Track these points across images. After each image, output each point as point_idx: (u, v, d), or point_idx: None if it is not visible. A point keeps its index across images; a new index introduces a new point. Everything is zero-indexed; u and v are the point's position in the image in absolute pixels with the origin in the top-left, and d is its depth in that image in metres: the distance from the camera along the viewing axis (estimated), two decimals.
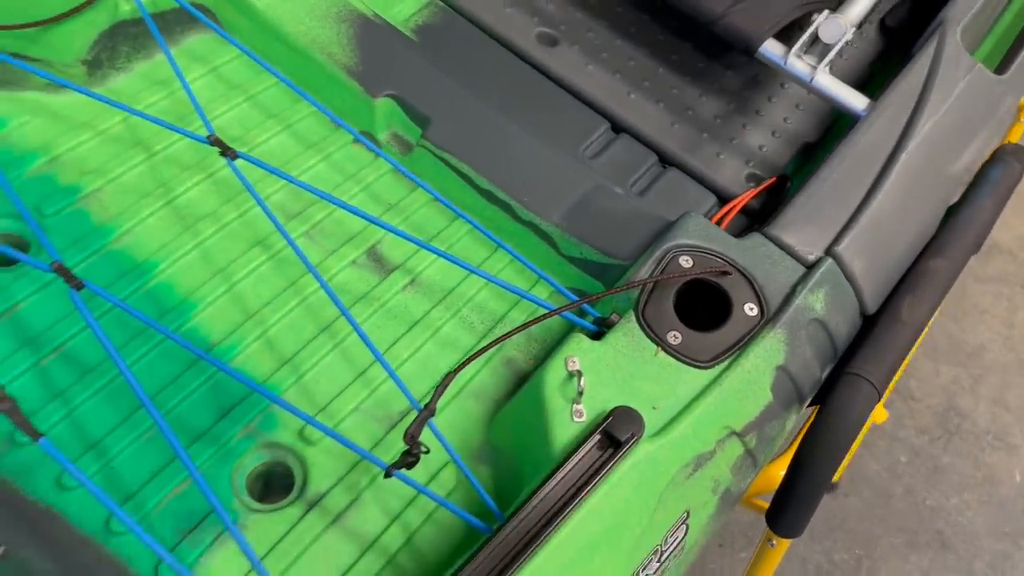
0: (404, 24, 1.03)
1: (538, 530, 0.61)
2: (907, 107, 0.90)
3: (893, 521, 1.64)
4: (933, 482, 1.70)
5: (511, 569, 0.60)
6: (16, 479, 0.68)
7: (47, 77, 0.84)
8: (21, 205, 0.74)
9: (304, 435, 0.74)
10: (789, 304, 0.76)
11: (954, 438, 1.76)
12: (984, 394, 1.82)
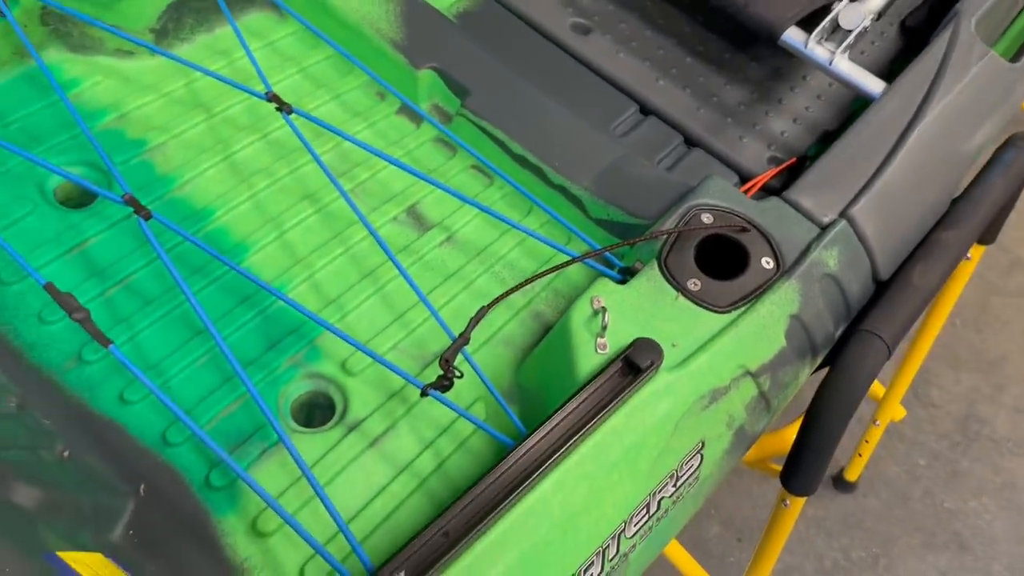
0: (447, 10, 1.10)
1: (560, 443, 0.66)
2: (921, 88, 0.95)
3: (911, 521, 1.66)
4: (952, 486, 1.71)
5: (533, 478, 0.64)
6: (82, 393, 0.74)
7: (126, 37, 0.91)
8: (99, 146, 0.80)
9: (346, 367, 0.80)
10: (804, 259, 0.81)
11: (973, 444, 1.77)
12: (1005, 402, 1.84)
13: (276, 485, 0.73)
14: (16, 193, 0.84)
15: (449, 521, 0.62)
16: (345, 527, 0.65)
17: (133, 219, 0.84)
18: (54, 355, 0.76)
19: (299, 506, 0.72)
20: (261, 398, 0.70)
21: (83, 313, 0.70)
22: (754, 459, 1.16)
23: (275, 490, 0.72)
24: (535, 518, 0.64)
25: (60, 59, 0.93)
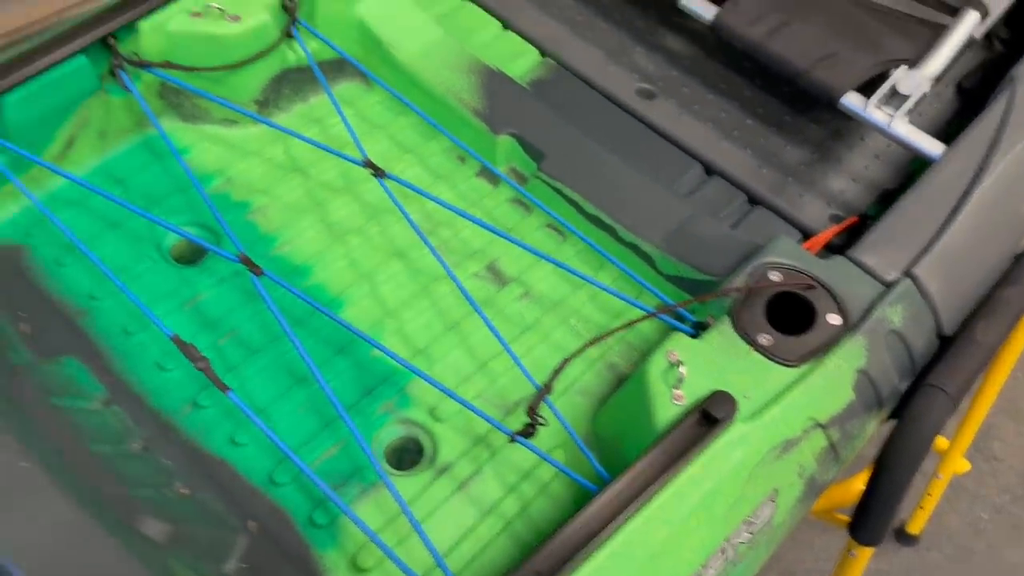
0: (521, 79, 1.17)
1: (642, 489, 0.70)
2: (980, 150, 0.99)
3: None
4: (1015, 540, 1.70)
5: (618, 520, 0.69)
6: (197, 435, 0.81)
7: (233, 108, 1.00)
8: (215, 209, 0.88)
9: (434, 414, 0.85)
10: (869, 315, 0.84)
11: None
12: None
13: (373, 524, 0.78)
14: (137, 250, 0.92)
15: (542, 560, 0.66)
16: (442, 561, 0.70)
17: (240, 275, 0.91)
18: (172, 400, 0.83)
19: (394, 544, 0.77)
20: (364, 440, 0.76)
21: (204, 362, 0.76)
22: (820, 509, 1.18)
23: (372, 529, 0.77)
24: (620, 559, 0.68)
25: (173, 128, 1.02)
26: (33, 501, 0.65)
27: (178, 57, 0.98)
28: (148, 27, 0.96)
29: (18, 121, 0.89)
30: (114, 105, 0.97)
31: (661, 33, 1.29)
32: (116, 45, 0.94)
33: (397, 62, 1.08)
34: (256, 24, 1.00)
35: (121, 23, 0.93)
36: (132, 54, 0.95)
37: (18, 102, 0.88)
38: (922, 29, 1.12)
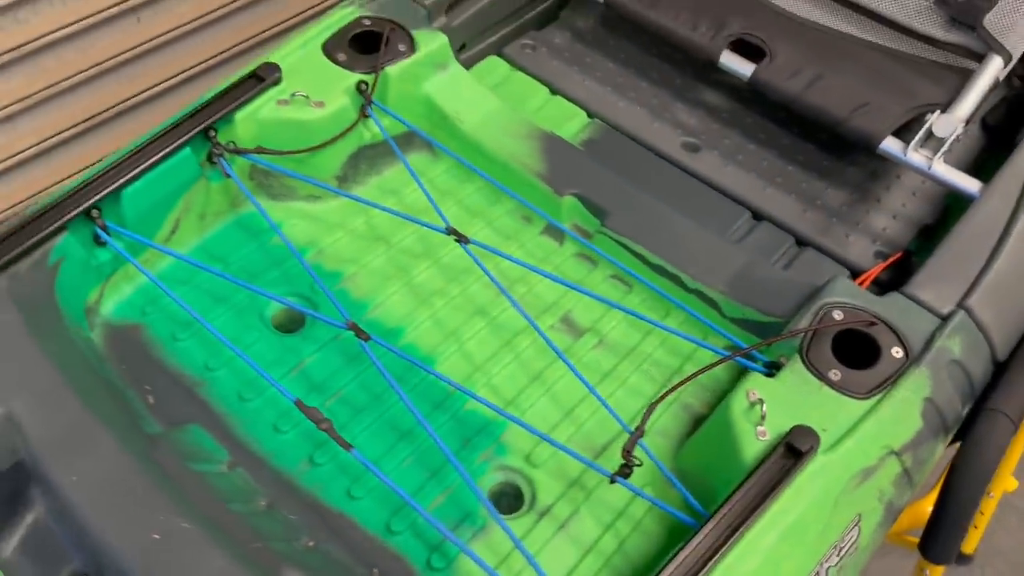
0: (573, 139, 1.25)
1: (740, 521, 0.76)
2: (1017, 185, 1.06)
3: None
4: None
5: (720, 553, 0.75)
6: (315, 491, 0.88)
7: (318, 184, 1.08)
8: (319, 280, 0.96)
9: (530, 459, 0.92)
10: (930, 347, 0.91)
11: None
12: None
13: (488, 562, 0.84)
14: (243, 322, 0.99)
15: None
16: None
17: (338, 340, 0.99)
18: (290, 460, 0.90)
19: None
20: (474, 483, 0.82)
21: (327, 423, 0.83)
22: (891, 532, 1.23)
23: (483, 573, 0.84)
24: None
25: (264, 207, 1.10)
26: (197, 557, 0.72)
27: (269, 142, 1.06)
28: (242, 117, 1.05)
29: (135, 211, 0.97)
30: (212, 189, 1.06)
31: (699, 89, 1.37)
32: (216, 136, 1.03)
33: (462, 133, 1.17)
34: (337, 108, 1.09)
35: (220, 116, 1.02)
36: (229, 142, 1.04)
37: (135, 194, 0.96)
38: (949, 75, 1.19)
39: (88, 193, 0.93)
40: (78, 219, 0.93)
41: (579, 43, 1.43)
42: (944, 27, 1.21)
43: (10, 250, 0.88)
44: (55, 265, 0.92)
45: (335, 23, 1.17)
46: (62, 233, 0.92)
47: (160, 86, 1.72)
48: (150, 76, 1.70)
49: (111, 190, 0.94)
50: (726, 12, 1.27)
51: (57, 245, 0.91)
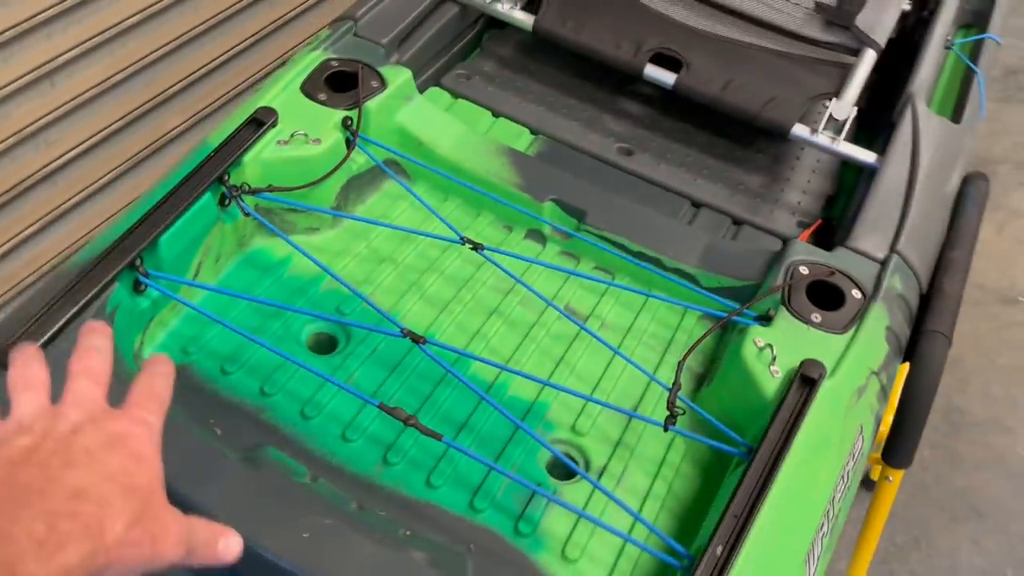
0: (526, 152, 1.39)
1: (782, 445, 0.92)
2: (907, 155, 1.29)
3: (933, 504, 1.96)
4: (956, 467, 2.03)
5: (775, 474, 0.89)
6: (397, 486, 0.95)
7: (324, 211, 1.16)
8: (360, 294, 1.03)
9: (576, 430, 1.03)
10: (880, 286, 1.11)
11: (961, 431, 2.11)
12: (973, 392, 2.19)
13: (563, 527, 0.95)
14: (285, 349, 1.05)
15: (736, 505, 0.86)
16: (638, 515, 0.88)
17: (375, 353, 1.07)
18: (365, 464, 0.97)
19: (587, 536, 0.94)
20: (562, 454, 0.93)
21: (413, 419, 0.91)
22: None
23: (564, 532, 0.94)
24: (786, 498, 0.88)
25: (270, 243, 1.16)
26: (348, 546, 0.78)
27: (274, 180, 1.13)
28: (249, 159, 1.11)
29: (170, 256, 1.01)
30: (226, 231, 1.11)
31: (620, 101, 1.54)
32: (228, 179, 1.08)
33: (439, 156, 1.27)
34: (332, 143, 1.17)
35: (232, 161, 1.08)
36: (243, 184, 1.09)
37: (170, 240, 1.00)
38: (834, 68, 1.43)
39: (133, 243, 0.97)
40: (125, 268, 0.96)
41: (506, 69, 1.57)
42: (823, 30, 1.45)
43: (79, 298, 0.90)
44: (112, 313, 0.94)
45: (307, 67, 1.25)
46: (115, 283, 0.95)
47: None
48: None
49: (152, 239, 0.98)
50: (642, 31, 1.45)
51: (113, 294, 0.94)
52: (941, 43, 1.52)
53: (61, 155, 1.67)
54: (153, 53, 1.79)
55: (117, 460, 0.56)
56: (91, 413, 0.58)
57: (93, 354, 0.63)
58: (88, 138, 1.72)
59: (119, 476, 0.55)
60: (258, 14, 1.97)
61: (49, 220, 1.69)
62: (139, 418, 0.61)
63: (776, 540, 0.86)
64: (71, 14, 1.61)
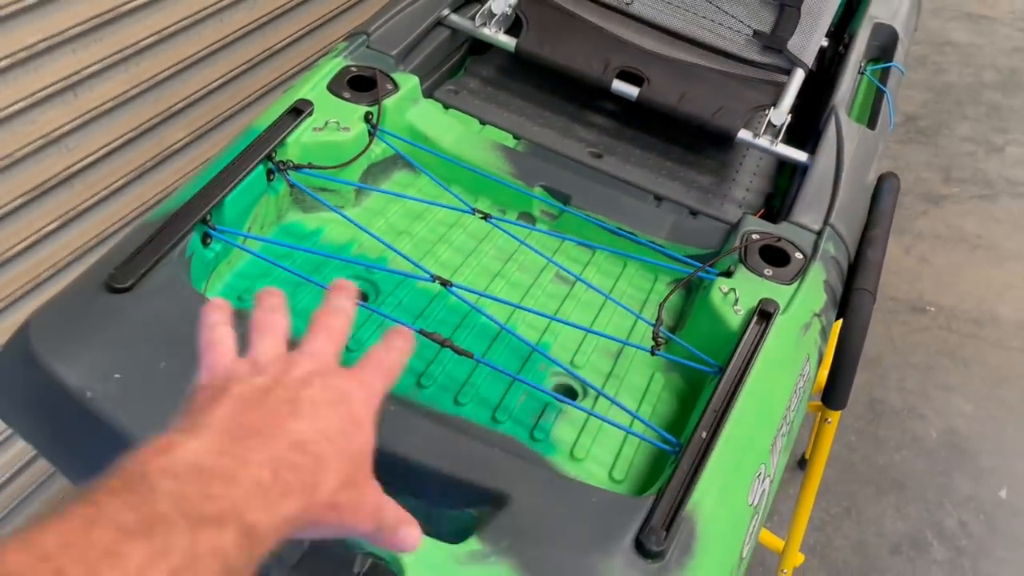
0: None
1: (746, 365, 1.13)
2: (833, 153, 1.55)
3: (861, 480, 2.20)
4: (879, 449, 2.28)
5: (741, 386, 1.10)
6: (430, 404, 1.13)
7: (365, 187, 1.35)
8: (391, 246, 1.22)
9: (574, 364, 1.23)
10: (817, 250, 1.35)
11: (882, 418, 2.37)
12: (891, 385, 2.46)
13: (569, 435, 1.14)
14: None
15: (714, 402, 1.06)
16: (635, 414, 1.08)
17: (401, 305, 1.25)
18: (403, 387, 1.14)
19: (589, 443, 1.13)
20: (570, 369, 1.13)
21: (448, 340, 1.10)
22: None
23: (571, 438, 1.13)
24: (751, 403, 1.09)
25: (301, 219, 1.34)
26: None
27: (311, 160, 1.32)
28: (291, 141, 1.29)
29: (231, 215, 1.18)
30: (270, 202, 1.28)
31: (588, 114, 1.78)
32: (275, 156, 1.26)
33: (442, 148, 1.48)
34: (358, 132, 1.37)
35: (280, 141, 1.26)
36: (288, 160, 1.28)
37: (232, 200, 1.18)
38: (770, 85, 1.69)
39: (203, 200, 1.14)
40: (198, 222, 1.13)
41: (488, 86, 1.79)
42: (761, 53, 1.72)
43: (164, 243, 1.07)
44: (189, 258, 1.11)
45: (331, 70, 1.45)
46: (192, 232, 1.12)
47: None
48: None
49: (220, 198, 1.15)
50: (609, 53, 1.70)
51: (191, 241, 1.11)
52: (856, 69, 1.81)
53: (79, 160, 1.82)
54: (162, 72, 1.96)
55: (337, 420, 0.55)
56: (323, 368, 0.58)
57: (336, 313, 0.64)
58: (103, 146, 1.87)
59: (337, 437, 0.54)
60: (255, 41, 2.17)
61: (67, 219, 1.82)
62: (366, 382, 0.60)
63: (747, 429, 1.07)
64: (94, 33, 1.77)
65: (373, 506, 0.56)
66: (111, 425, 0.88)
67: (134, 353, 0.95)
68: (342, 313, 0.65)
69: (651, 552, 0.90)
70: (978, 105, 3.80)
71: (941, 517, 2.14)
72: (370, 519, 0.56)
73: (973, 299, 2.78)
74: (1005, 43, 4.30)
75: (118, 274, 1.02)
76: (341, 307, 0.66)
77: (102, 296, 1.00)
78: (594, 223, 1.42)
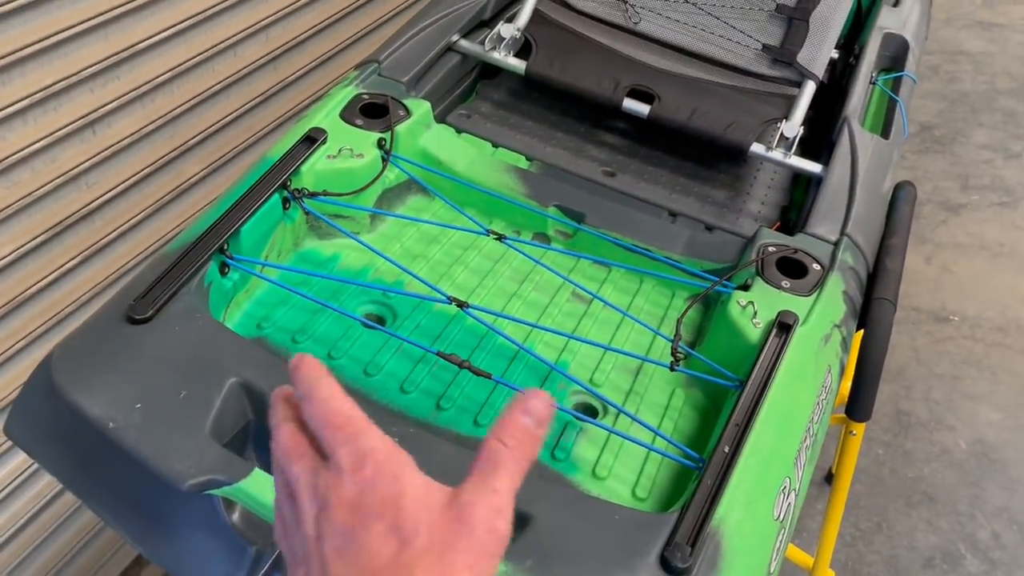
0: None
1: (767, 378, 1.12)
2: (847, 163, 1.55)
3: (891, 494, 2.17)
4: (907, 461, 2.25)
5: (764, 398, 1.09)
6: (450, 426, 1.13)
7: (381, 212, 1.36)
8: (408, 270, 1.22)
9: (593, 382, 1.23)
10: (835, 261, 1.34)
11: (909, 430, 2.34)
12: (917, 397, 2.43)
13: (591, 454, 1.13)
14: (344, 323, 1.23)
15: (736, 416, 1.05)
16: (657, 430, 1.07)
17: (419, 326, 1.25)
18: (423, 410, 1.14)
19: (611, 463, 1.12)
20: (589, 386, 1.12)
21: (467, 362, 1.10)
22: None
23: (592, 457, 1.12)
24: (773, 415, 1.08)
25: (318, 245, 1.35)
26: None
27: (326, 187, 1.33)
28: (306, 169, 1.31)
29: (248, 244, 1.19)
30: (286, 230, 1.30)
31: (600, 133, 1.79)
32: (291, 185, 1.28)
33: (456, 172, 1.49)
34: (372, 158, 1.38)
35: (294, 169, 1.27)
36: (303, 188, 1.29)
37: (249, 229, 1.19)
38: (781, 98, 1.69)
39: (220, 230, 1.15)
40: (215, 252, 1.14)
41: (500, 110, 1.81)
42: (771, 67, 1.72)
43: (183, 272, 1.08)
44: (207, 288, 1.12)
45: (343, 99, 1.46)
46: (210, 262, 1.13)
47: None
48: None
49: (236, 227, 1.16)
50: (618, 71, 1.71)
51: (209, 270, 1.12)
52: (867, 79, 1.81)
53: (99, 196, 1.84)
54: (178, 108, 1.99)
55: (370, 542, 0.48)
56: (322, 498, 0.50)
57: (284, 426, 0.55)
58: (122, 182, 1.89)
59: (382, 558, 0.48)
60: (268, 74, 2.19)
61: (88, 255, 1.84)
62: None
63: (769, 443, 1.06)
64: (111, 71, 1.81)
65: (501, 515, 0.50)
66: (134, 455, 0.88)
67: (155, 383, 0.96)
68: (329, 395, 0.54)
69: (677, 569, 0.89)
70: (993, 112, 3.78)
71: (974, 529, 2.10)
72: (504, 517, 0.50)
73: (997, 307, 2.75)
74: (1019, 50, 4.28)
75: (138, 305, 1.03)
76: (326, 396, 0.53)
77: (123, 328, 1.01)
78: (609, 241, 1.42)
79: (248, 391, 0.98)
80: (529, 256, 1.33)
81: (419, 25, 1.71)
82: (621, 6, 1.81)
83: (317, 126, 1.37)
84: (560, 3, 1.85)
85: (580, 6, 1.85)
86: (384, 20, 2.59)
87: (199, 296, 1.09)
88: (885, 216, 1.54)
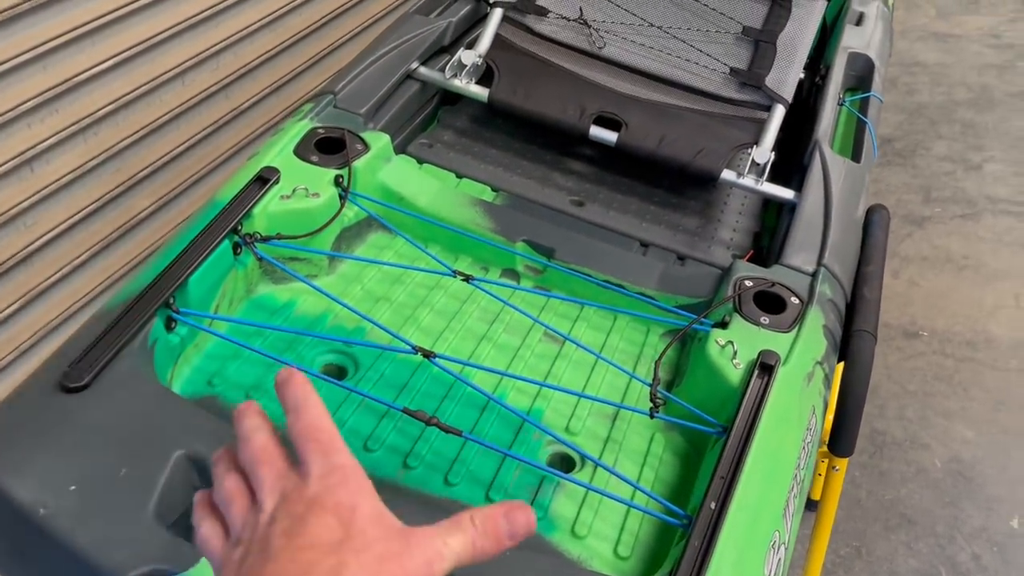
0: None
1: (751, 423, 1.07)
2: (820, 189, 1.51)
3: (869, 517, 2.13)
4: (884, 483, 2.22)
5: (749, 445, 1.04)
6: (419, 487, 1.06)
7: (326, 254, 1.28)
8: (373, 320, 1.15)
9: (570, 431, 1.16)
10: (814, 294, 1.29)
11: (884, 450, 2.31)
12: (891, 416, 2.41)
13: (569, 511, 1.06)
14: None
15: (721, 468, 1.00)
16: (637, 484, 1.01)
17: (383, 377, 1.18)
18: (389, 469, 1.07)
19: (591, 518, 1.06)
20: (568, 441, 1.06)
21: (435, 419, 1.03)
22: None
23: (571, 514, 1.06)
24: (760, 462, 1.03)
25: (273, 290, 1.27)
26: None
27: (280, 230, 1.25)
28: (258, 211, 1.23)
29: (197, 295, 1.11)
30: (238, 277, 1.22)
31: (567, 161, 1.73)
32: (241, 229, 1.20)
33: (418, 208, 1.42)
34: (328, 197, 1.30)
35: (245, 212, 1.20)
36: (254, 233, 1.21)
37: (197, 280, 1.11)
38: (750, 122, 1.65)
39: (165, 283, 1.07)
40: (160, 306, 1.06)
41: (463, 138, 1.74)
42: (739, 91, 1.68)
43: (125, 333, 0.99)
44: (152, 346, 1.04)
45: (297, 133, 1.39)
46: (154, 318, 1.04)
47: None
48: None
49: (184, 278, 1.08)
50: (584, 98, 1.66)
51: (153, 327, 1.04)
52: (835, 100, 1.77)
53: (39, 237, 1.75)
54: (123, 141, 1.90)
55: (317, 527, 0.51)
56: (283, 493, 0.53)
57: (255, 436, 0.58)
58: (64, 220, 1.79)
59: (323, 540, 0.50)
60: (217, 104, 2.11)
61: (26, 301, 1.74)
62: (329, 470, 0.55)
63: (757, 495, 1.00)
64: (49, 105, 1.71)
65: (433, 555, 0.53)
66: (68, 545, 0.80)
67: (92, 460, 0.87)
68: (259, 432, 0.58)
69: None
70: (952, 124, 3.80)
71: (953, 552, 2.07)
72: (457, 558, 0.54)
73: (965, 321, 2.74)
74: (975, 60, 4.33)
75: (73, 372, 0.95)
76: (253, 429, 0.58)
77: (56, 397, 0.93)
78: (580, 277, 1.36)
79: (195, 464, 0.90)
80: (497, 297, 1.27)
81: (376, 53, 1.65)
82: (585, 30, 1.76)
83: (269, 165, 1.29)
84: (522, 28, 1.79)
85: (543, 31, 1.79)
86: (339, 44, 2.52)
87: (142, 357, 1.01)
88: (860, 242, 1.50)
